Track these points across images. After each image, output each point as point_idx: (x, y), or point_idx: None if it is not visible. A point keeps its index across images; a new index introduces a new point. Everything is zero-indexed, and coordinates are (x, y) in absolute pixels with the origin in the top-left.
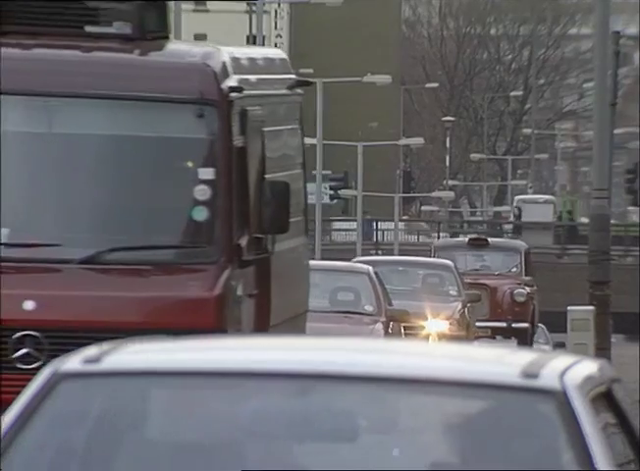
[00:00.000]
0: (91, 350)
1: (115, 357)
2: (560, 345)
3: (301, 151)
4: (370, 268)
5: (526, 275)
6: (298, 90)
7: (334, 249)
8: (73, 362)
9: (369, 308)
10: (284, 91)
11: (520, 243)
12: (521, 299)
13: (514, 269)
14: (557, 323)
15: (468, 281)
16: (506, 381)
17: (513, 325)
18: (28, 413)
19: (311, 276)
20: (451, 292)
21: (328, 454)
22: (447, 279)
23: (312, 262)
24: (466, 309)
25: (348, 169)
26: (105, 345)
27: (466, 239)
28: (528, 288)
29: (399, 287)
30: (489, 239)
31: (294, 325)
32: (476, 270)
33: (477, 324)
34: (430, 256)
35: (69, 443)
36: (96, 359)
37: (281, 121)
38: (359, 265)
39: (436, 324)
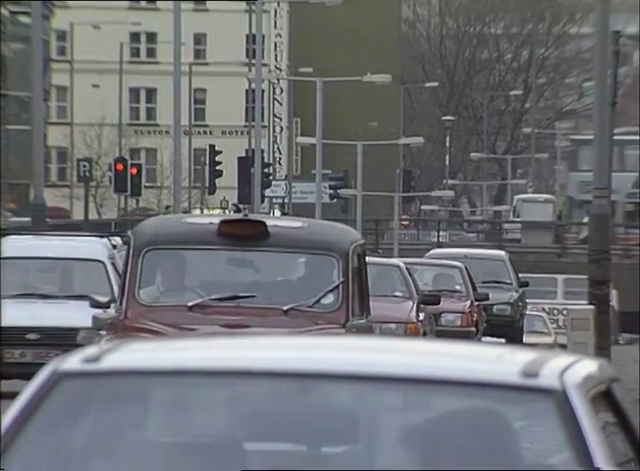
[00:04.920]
0: (91, 350)
1: (115, 356)
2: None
3: None
4: None
5: (359, 306)
6: None
7: None
8: (72, 361)
9: None
10: None
11: (341, 233)
12: None
13: (330, 299)
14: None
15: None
16: (505, 380)
17: None
18: (28, 412)
19: None
20: None
21: (327, 454)
22: None
23: None
24: None
25: (348, 168)
26: (105, 345)
27: (216, 221)
28: None
29: None
30: (268, 220)
31: None
32: (219, 301)
33: None
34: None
35: (68, 442)
36: (96, 358)
37: None
38: None
39: None
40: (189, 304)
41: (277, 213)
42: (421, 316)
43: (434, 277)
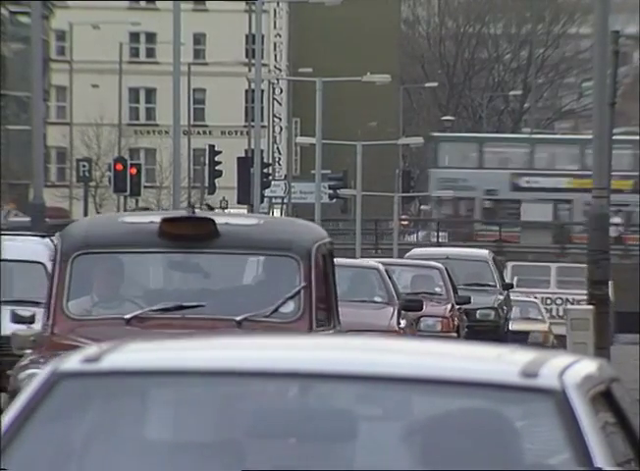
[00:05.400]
0: (91, 350)
1: (114, 356)
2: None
3: None
4: None
5: (326, 314)
6: None
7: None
8: (72, 361)
9: None
10: None
11: (302, 230)
12: None
13: (290, 307)
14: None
15: None
16: (505, 380)
17: None
18: (28, 412)
19: None
20: None
21: (327, 454)
22: None
23: None
24: None
25: (348, 168)
26: (105, 345)
27: (157, 220)
28: None
29: None
30: (217, 218)
31: None
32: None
33: None
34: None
35: (68, 442)
36: (96, 358)
37: None
38: None
39: None
40: (127, 317)
41: (276, 213)
42: (403, 323)
43: (412, 278)
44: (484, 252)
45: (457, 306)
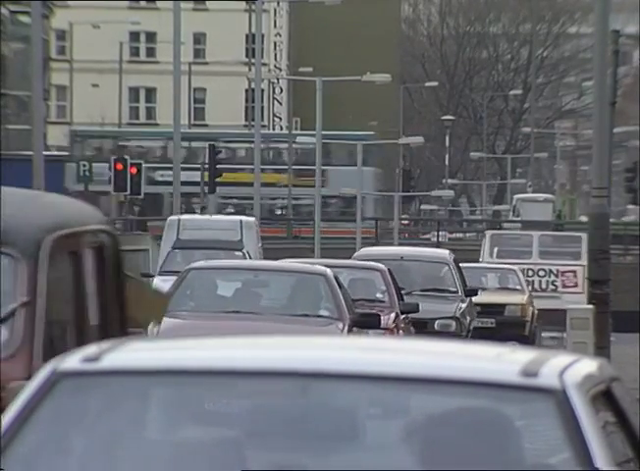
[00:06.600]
0: (91, 349)
1: (114, 356)
2: None
3: None
4: None
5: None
6: None
7: (334, 248)
8: (72, 361)
9: None
10: None
11: (35, 211)
12: None
13: None
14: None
15: None
16: (505, 379)
17: None
18: (28, 412)
19: None
20: None
21: (328, 454)
22: None
23: None
24: None
25: None
26: (104, 344)
27: None
28: None
29: None
30: None
31: None
32: None
33: None
34: None
35: (68, 442)
36: (95, 358)
37: None
38: None
39: None
40: None
41: (276, 212)
42: None
43: (349, 282)
44: (444, 252)
45: (403, 315)
